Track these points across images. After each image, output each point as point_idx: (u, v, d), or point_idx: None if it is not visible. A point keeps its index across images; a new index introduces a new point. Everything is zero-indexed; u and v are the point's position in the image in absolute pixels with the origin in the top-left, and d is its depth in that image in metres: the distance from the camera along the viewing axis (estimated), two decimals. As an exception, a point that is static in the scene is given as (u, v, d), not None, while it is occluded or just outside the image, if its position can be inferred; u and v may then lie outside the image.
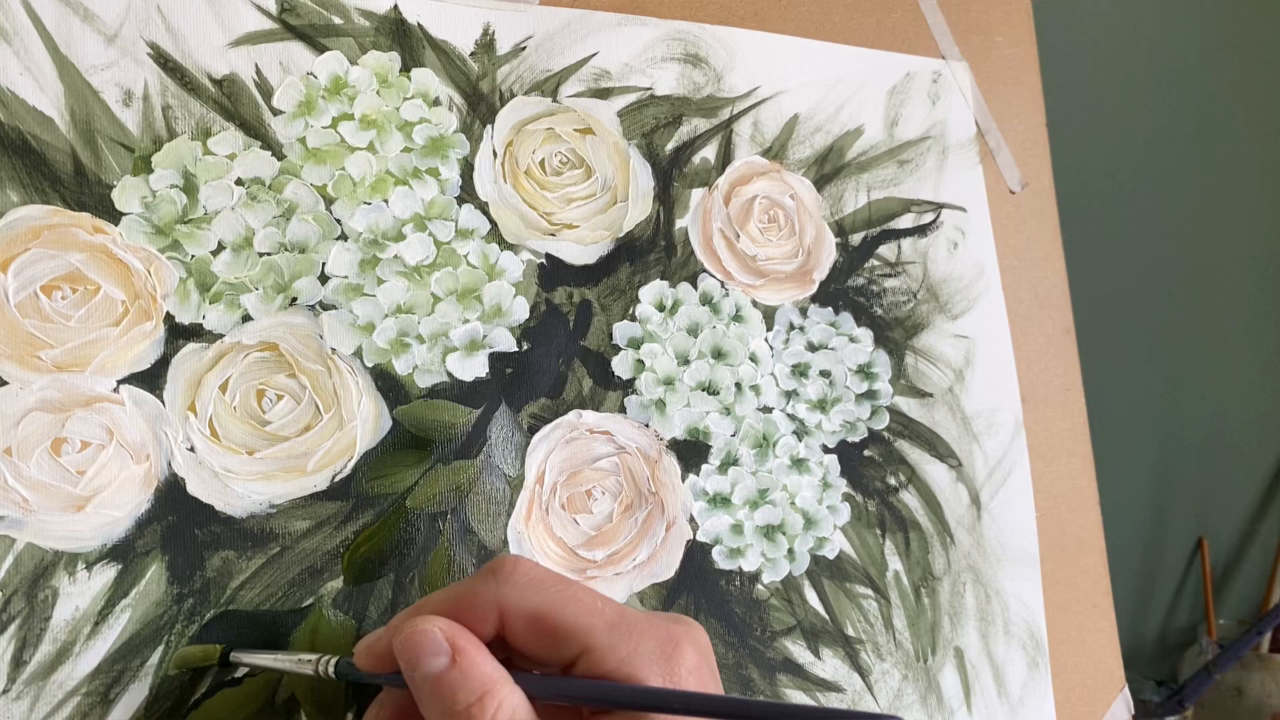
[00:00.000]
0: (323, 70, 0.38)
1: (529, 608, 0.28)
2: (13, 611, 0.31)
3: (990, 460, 0.50)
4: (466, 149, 0.40)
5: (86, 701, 0.31)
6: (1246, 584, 1.60)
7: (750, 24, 0.47)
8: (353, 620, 0.35)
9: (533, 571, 0.29)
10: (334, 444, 0.35)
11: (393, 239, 0.38)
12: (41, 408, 0.32)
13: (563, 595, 0.28)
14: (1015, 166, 0.54)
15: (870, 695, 0.44)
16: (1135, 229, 1.32)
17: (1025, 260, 0.54)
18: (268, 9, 0.37)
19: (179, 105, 0.35)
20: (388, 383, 0.37)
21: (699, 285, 0.44)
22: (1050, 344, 0.54)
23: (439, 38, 0.40)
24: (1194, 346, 1.43)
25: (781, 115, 0.47)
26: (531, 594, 0.28)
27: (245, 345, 0.35)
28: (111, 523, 0.32)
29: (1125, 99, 1.26)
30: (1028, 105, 0.55)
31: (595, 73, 0.43)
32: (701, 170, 0.45)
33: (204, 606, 0.33)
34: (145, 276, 0.34)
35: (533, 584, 0.28)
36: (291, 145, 0.37)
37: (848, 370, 0.47)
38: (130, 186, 0.34)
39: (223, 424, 0.34)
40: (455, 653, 0.27)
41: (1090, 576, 0.53)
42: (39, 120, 0.33)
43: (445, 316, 0.38)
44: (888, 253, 0.49)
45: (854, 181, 0.49)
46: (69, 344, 0.32)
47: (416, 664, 0.27)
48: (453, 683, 0.27)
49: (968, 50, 0.53)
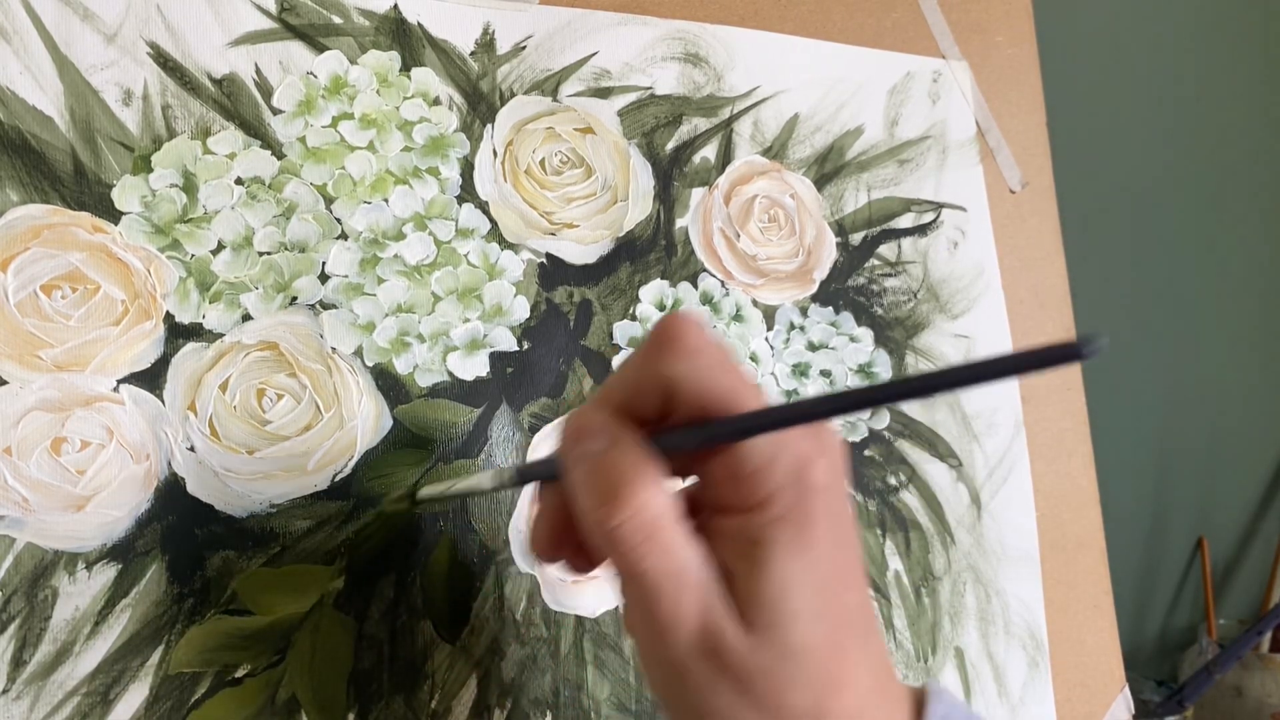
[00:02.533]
0: (322, 70, 0.38)
1: (693, 387, 0.26)
2: (13, 611, 0.31)
3: (990, 460, 0.50)
4: (467, 148, 0.40)
5: (86, 701, 0.31)
6: (1246, 584, 1.60)
7: (750, 23, 0.47)
8: (353, 619, 0.35)
9: (700, 343, 0.27)
10: (334, 443, 0.35)
11: (393, 238, 0.38)
12: (41, 407, 0.32)
13: (729, 383, 0.26)
14: (1015, 166, 0.54)
15: (871, 695, 0.44)
16: (1135, 229, 1.32)
17: (1025, 260, 0.54)
18: (267, 8, 0.37)
19: (179, 105, 0.35)
20: (388, 382, 0.37)
21: (699, 285, 0.44)
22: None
23: (439, 37, 0.40)
24: (1194, 346, 1.43)
25: (782, 115, 0.47)
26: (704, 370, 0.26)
27: (245, 344, 0.35)
28: (111, 522, 0.32)
29: (1125, 99, 1.25)
30: (1028, 105, 0.55)
31: (595, 72, 0.43)
32: (702, 170, 0.45)
33: (204, 606, 0.33)
34: (145, 276, 0.34)
35: (704, 364, 0.26)
36: (291, 144, 0.37)
37: (848, 370, 0.47)
38: (130, 186, 0.34)
39: (223, 423, 0.34)
40: (613, 439, 0.26)
41: (1090, 576, 0.53)
42: (39, 120, 0.33)
43: (446, 316, 0.38)
44: (888, 252, 0.49)
45: (854, 181, 0.49)
46: (69, 343, 0.32)
47: (575, 448, 0.27)
48: (609, 466, 0.26)
49: (968, 50, 0.53)
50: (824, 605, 0.26)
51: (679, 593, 0.26)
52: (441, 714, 0.35)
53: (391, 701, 0.35)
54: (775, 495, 0.26)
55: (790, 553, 0.26)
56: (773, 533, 0.26)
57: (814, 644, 0.26)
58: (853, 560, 0.28)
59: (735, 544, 0.27)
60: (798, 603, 0.26)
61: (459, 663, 0.36)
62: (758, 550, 0.26)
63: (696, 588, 0.26)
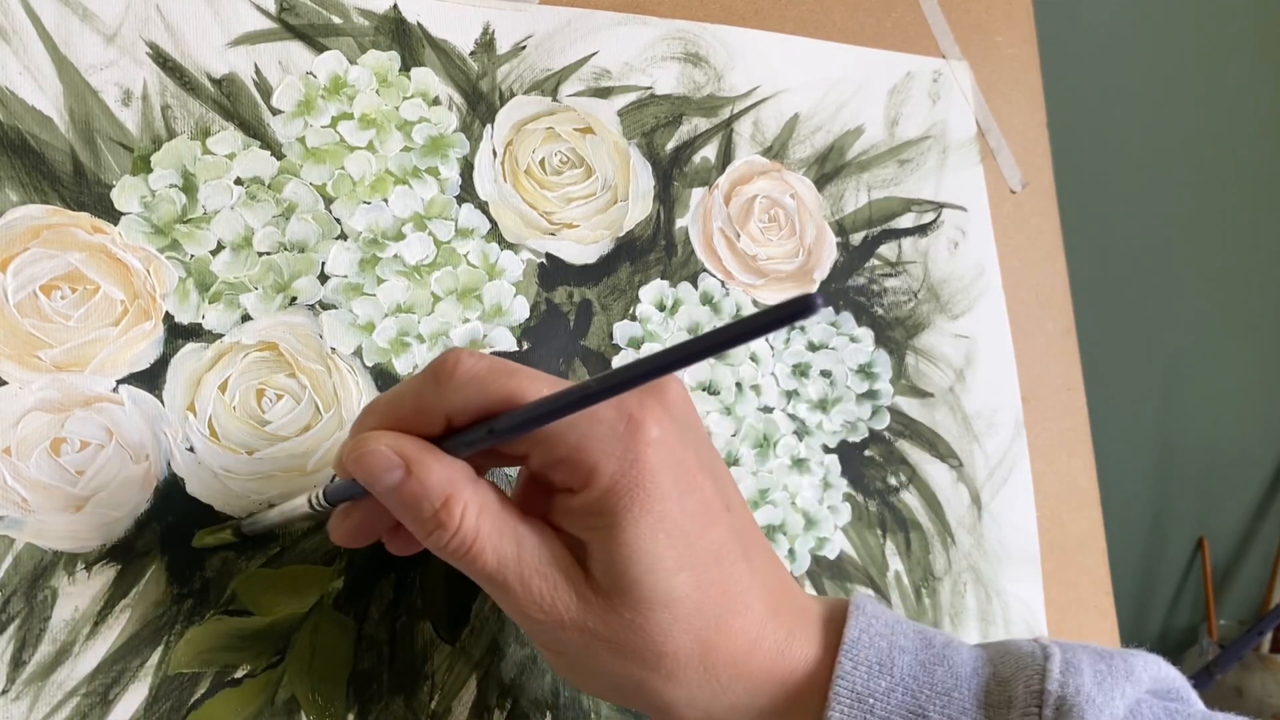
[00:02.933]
0: (322, 70, 0.38)
1: (475, 409, 0.27)
2: (12, 612, 0.31)
3: (991, 460, 0.50)
4: (466, 148, 0.40)
5: (86, 702, 0.31)
6: (1247, 584, 1.60)
7: (750, 23, 0.47)
8: (353, 620, 0.35)
9: (475, 368, 0.27)
10: (334, 444, 0.35)
11: (392, 238, 0.38)
12: (41, 407, 0.32)
13: (508, 389, 0.26)
14: (1015, 166, 0.54)
15: (871, 695, 0.44)
16: (1135, 229, 1.32)
17: (1026, 260, 0.54)
18: (267, 8, 0.37)
19: (178, 105, 0.35)
20: (388, 382, 0.37)
21: (699, 285, 0.44)
22: (1050, 344, 0.54)
23: (439, 37, 0.40)
24: (1194, 346, 1.43)
25: (782, 114, 0.47)
26: (475, 394, 0.26)
27: (245, 345, 0.35)
28: (111, 523, 0.32)
29: (1125, 99, 1.25)
30: (1028, 105, 0.55)
31: (595, 72, 0.43)
32: (702, 169, 0.45)
33: (204, 606, 0.33)
34: (145, 276, 0.34)
35: (475, 382, 0.26)
36: (291, 145, 0.37)
37: (848, 370, 0.47)
38: (129, 186, 0.34)
39: (222, 424, 0.34)
40: (408, 464, 0.26)
41: (1090, 576, 0.53)
42: (38, 120, 0.33)
43: (445, 316, 0.38)
44: (888, 252, 0.49)
45: (854, 181, 0.49)
46: (68, 344, 0.32)
47: (374, 482, 0.27)
48: (415, 494, 0.26)
49: (968, 50, 0.53)
50: (683, 553, 0.27)
51: (525, 580, 0.27)
52: (441, 715, 0.35)
53: (391, 702, 0.35)
54: (599, 467, 0.26)
55: (633, 516, 0.26)
56: (610, 501, 0.26)
57: (680, 592, 0.27)
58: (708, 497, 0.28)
59: (581, 520, 0.27)
60: (652, 558, 0.26)
61: (459, 663, 0.36)
62: (602, 520, 0.26)
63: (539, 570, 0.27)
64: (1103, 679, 0.28)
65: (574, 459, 0.26)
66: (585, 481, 0.26)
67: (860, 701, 0.28)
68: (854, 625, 0.29)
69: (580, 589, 0.27)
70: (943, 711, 0.28)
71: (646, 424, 0.26)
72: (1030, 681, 0.28)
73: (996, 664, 0.29)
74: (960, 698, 0.28)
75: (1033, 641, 0.30)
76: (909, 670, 0.28)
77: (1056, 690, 0.28)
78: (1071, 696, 0.27)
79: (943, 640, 0.30)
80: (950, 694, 0.28)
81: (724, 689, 0.28)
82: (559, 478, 0.27)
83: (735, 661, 0.28)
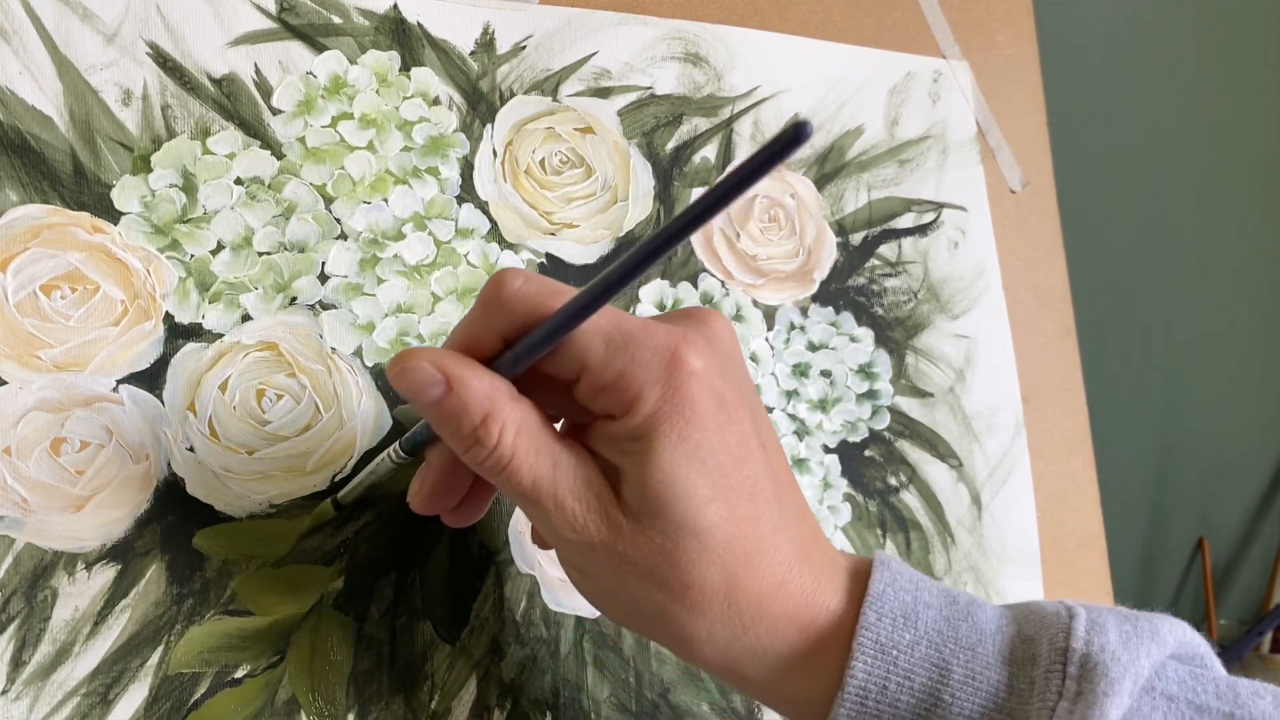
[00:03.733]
0: (322, 69, 0.38)
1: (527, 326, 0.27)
2: (12, 612, 0.30)
3: (991, 460, 0.50)
4: (466, 148, 0.40)
5: (86, 702, 0.31)
6: (1247, 584, 1.60)
7: (750, 23, 0.47)
8: (353, 620, 0.35)
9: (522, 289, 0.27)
10: (334, 443, 0.35)
11: (392, 238, 0.38)
12: (41, 407, 0.32)
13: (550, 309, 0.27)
14: (1016, 166, 0.54)
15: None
16: (1135, 229, 1.32)
17: (1026, 260, 0.54)
18: (267, 8, 0.37)
19: (178, 105, 0.35)
20: (388, 382, 0.37)
21: (699, 285, 0.44)
22: (1050, 344, 0.54)
23: (439, 37, 0.40)
24: (1194, 346, 1.43)
25: (782, 114, 0.47)
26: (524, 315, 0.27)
27: (245, 345, 0.35)
28: (111, 523, 0.32)
29: (1125, 99, 1.25)
30: (1028, 105, 0.55)
31: (595, 72, 0.43)
32: (702, 169, 0.45)
33: (203, 607, 0.33)
34: (145, 276, 0.34)
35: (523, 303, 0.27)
36: (291, 145, 0.37)
37: (848, 370, 0.47)
38: (129, 186, 0.34)
39: (222, 424, 0.34)
40: (449, 379, 0.27)
41: (1090, 576, 0.53)
42: (38, 119, 0.33)
43: (445, 316, 0.38)
44: (888, 252, 0.49)
45: (854, 181, 0.49)
46: (68, 343, 0.32)
47: (416, 397, 0.27)
48: (454, 409, 0.27)
49: (968, 50, 0.53)
50: (717, 484, 0.27)
51: (560, 500, 0.27)
52: (441, 714, 0.35)
53: (391, 702, 0.35)
54: (643, 393, 0.26)
55: (670, 442, 0.26)
56: (649, 427, 0.26)
57: (711, 523, 0.27)
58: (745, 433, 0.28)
59: (619, 445, 0.27)
60: (685, 486, 0.27)
61: (459, 663, 0.36)
62: (639, 445, 0.27)
63: (574, 489, 0.27)
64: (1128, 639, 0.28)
65: (618, 385, 0.27)
66: (627, 408, 0.27)
67: (884, 653, 0.28)
68: (879, 579, 0.29)
69: (612, 512, 0.27)
70: (966, 666, 0.28)
71: (689, 356, 0.27)
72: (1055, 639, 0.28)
73: (1021, 623, 0.29)
74: (984, 653, 0.28)
75: (1058, 603, 0.30)
76: (933, 624, 0.28)
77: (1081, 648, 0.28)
78: (1096, 654, 0.27)
79: (967, 599, 0.30)
80: (974, 649, 0.28)
81: (745, 628, 0.28)
82: (601, 404, 0.28)
83: (759, 601, 0.28)
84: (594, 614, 0.39)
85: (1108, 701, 0.26)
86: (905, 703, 0.28)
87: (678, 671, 0.40)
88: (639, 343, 0.27)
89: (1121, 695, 0.27)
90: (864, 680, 0.28)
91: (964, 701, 0.27)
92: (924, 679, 0.28)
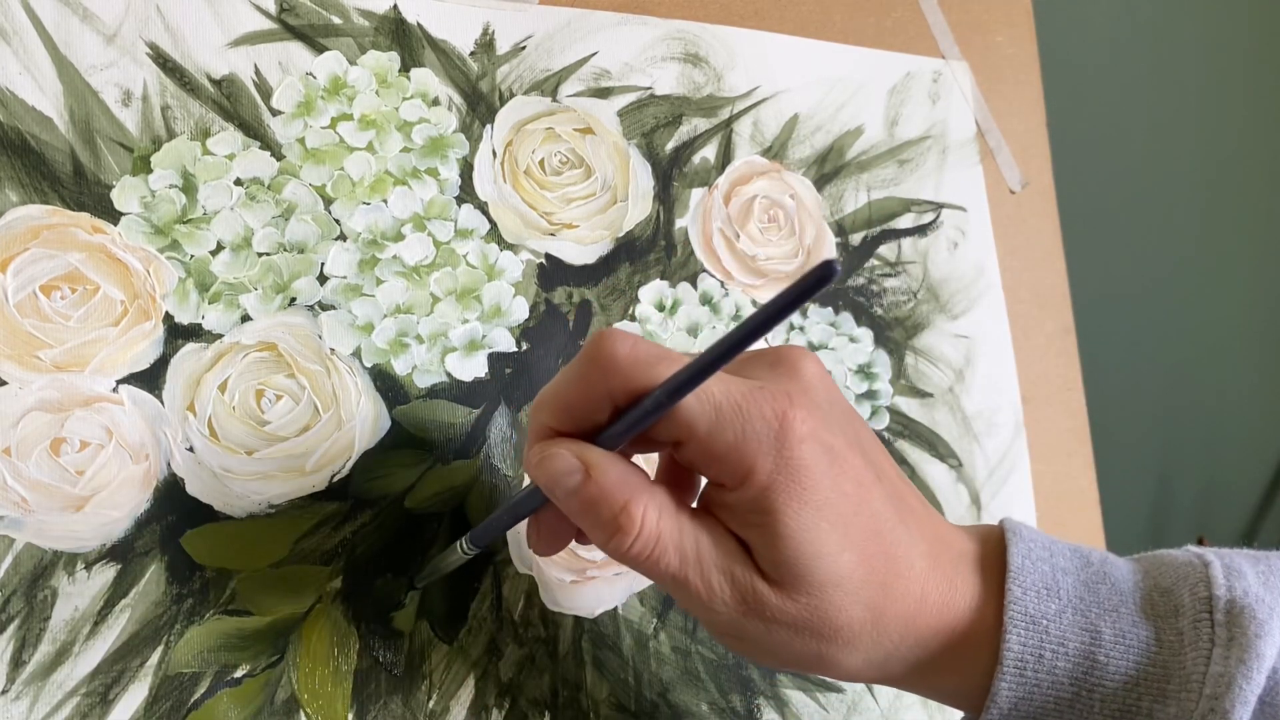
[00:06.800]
0: (322, 70, 0.38)
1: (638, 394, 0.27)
2: (12, 611, 0.31)
3: (990, 460, 0.50)
4: (466, 149, 0.40)
5: (86, 702, 0.31)
6: (1247, 584, 1.59)
7: (750, 23, 0.47)
8: (351, 620, 0.35)
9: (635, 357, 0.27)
10: (333, 444, 0.35)
11: (392, 239, 0.38)
12: (41, 407, 0.32)
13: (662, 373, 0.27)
14: (1015, 166, 0.54)
15: (870, 696, 0.44)
16: (1135, 229, 1.32)
17: (1025, 260, 0.54)
18: (267, 9, 0.37)
19: (178, 105, 0.35)
20: (387, 383, 0.37)
21: (699, 285, 0.44)
22: (1050, 344, 0.54)
23: (438, 37, 0.40)
24: (1194, 347, 1.43)
25: (782, 115, 0.47)
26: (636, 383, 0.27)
27: (244, 345, 0.35)
28: (110, 523, 0.32)
29: (1125, 99, 1.25)
30: (1028, 105, 0.55)
31: (595, 72, 0.43)
32: (701, 170, 0.45)
33: (203, 606, 0.33)
34: (144, 276, 0.34)
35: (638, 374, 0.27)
36: (290, 145, 0.37)
37: (848, 370, 0.47)
38: (129, 186, 0.34)
39: (222, 424, 0.34)
40: (588, 467, 0.27)
41: (1090, 577, 0.53)
42: (38, 120, 0.33)
43: (444, 316, 0.38)
44: (888, 252, 0.49)
45: (854, 181, 0.49)
46: (68, 344, 0.32)
47: (555, 487, 0.27)
48: (593, 498, 0.27)
49: (968, 50, 0.53)
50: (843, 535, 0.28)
51: (706, 579, 0.28)
52: (439, 714, 0.35)
53: (390, 701, 0.35)
54: (756, 467, 0.27)
55: (792, 510, 0.27)
56: (768, 499, 0.27)
57: (847, 570, 0.28)
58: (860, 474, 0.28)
59: (742, 516, 0.28)
60: (816, 547, 0.27)
61: (457, 663, 0.36)
62: (761, 517, 0.27)
63: (718, 566, 0.28)
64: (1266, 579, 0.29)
65: (731, 458, 0.27)
66: (742, 480, 0.27)
67: (1034, 624, 0.29)
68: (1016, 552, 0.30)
69: (755, 583, 0.28)
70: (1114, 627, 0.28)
71: (798, 422, 0.27)
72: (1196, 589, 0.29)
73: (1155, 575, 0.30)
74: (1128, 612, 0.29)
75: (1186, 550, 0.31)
76: (1074, 590, 0.29)
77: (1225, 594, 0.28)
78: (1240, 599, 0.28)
79: (1099, 557, 0.31)
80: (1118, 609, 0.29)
81: (895, 646, 0.29)
82: (711, 472, 0.28)
83: (904, 621, 0.29)
84: (592, 614, 0.39)
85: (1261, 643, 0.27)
86: (1062, 669, 0.28)
87: (677, 671, 0.40)
88: (747, 414, 0.27)
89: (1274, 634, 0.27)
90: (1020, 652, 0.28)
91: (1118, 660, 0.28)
92: (1076, 644, 0.28)
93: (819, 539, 0.27)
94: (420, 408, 0.37)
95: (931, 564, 0.29)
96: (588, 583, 0.39)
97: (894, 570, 0.28)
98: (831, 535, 0.27)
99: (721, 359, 0.25)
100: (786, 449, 0.27)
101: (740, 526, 0.28)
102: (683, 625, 0.41)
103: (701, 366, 0.25)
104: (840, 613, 0.28)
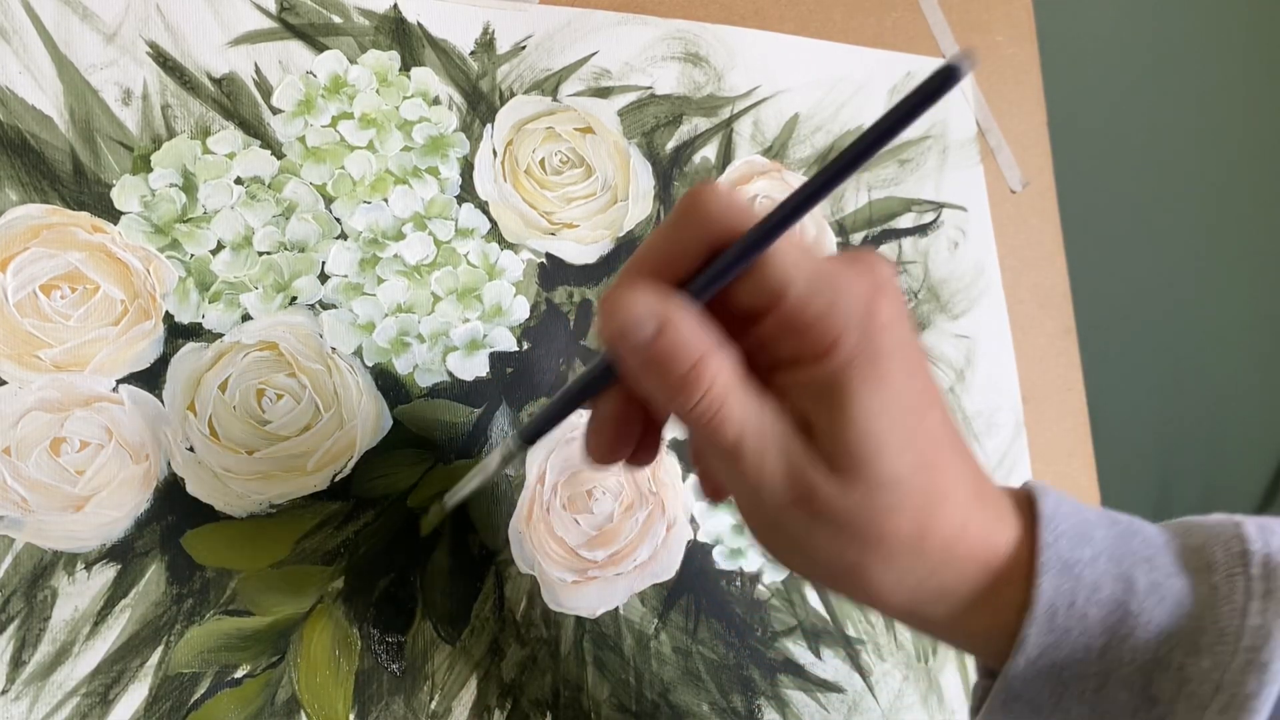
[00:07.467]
0: (322, 69, 0.38)
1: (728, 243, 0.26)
2: (12, 612, 0.30)
3: (991, 460, 0.50)
4: (466, 148, 0.40)
5: (86, 702, 0.31)
6: (1246, 584, 1.59)
7: (751, 23, 0.47)
8: (353, 620, 0.35)
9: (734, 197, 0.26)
10: (334, 443, 0.35)
11: (392, 238, 0.38)
12: (40, 407, 0.32)
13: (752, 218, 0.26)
14: (1016, 166, 0.54)
15: (871, 695, 0.44)
16: (1135, 229, 1.32)
17: (1026, 260, 0.54)
18: (267, 8, 0.37)
19: (178, 104, 0.35)
20: (388, 382, 0.37)
21: (699, 285, 0.44)
22: (1050, 344, 0.54)
23: (439, 37, 0.40)
24: (1194, 346, 1.43)
25: (782, 114, 0.47)
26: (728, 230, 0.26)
27: (245, 344, 0.35)
28: (110, 523, 0.32)
29: (1125, 99, 1.25)
30: (1028, 105, 0.55)
31: (595, 72, 0.43)
32: (702, 169, 0.45)
33: (203, 607, 0.33)
34: (144, 275, 0.34)
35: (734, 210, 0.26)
36: (291, 144, 0.37)
37: (848, 370, 0.46)
38: (129, 185, 0.34)
39: (222, 423, 0.34)
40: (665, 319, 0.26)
41: (1091, 576, 0.53)
42: (38, 119, 0.33)
43: (445, 316, 0.38)
44: (888, 252, 0.49)
45: (854, 181, 0.49)
46: (68, 343, 0.32)
47: (625, 336, 0.26)
48: (664, 352, 0.26)
49: (968, 50, 0.53)
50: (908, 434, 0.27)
51: (762, 452, 0.27)
52: (441, 714, 0.35)
53: (391, 702, 0.35)
54: (842, 338, 0.26)
55: (866, 391, 0.26)
56: (846, 375, 0.26)
57: (904, 473, 0.27)
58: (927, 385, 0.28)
59: (810, 393, 0.27)
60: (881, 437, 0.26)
61: (459, 663, 0.36)
62: (833, 395, 0.26)
63: (776, 444, 0.27)
64: None
65: (817, 328, 0.26)
66: (824, 352, 0.26)
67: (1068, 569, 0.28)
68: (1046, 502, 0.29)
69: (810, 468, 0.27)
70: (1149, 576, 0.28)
71: (885, 305, 0.26)
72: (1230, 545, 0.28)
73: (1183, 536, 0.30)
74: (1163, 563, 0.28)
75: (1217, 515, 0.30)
76: (1106, 540, 0.29)
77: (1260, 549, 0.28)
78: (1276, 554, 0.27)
79: (1126, 518, 0.30)
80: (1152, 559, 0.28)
81: (932, 572, 0.28)
82: (790, 345, 0.27)
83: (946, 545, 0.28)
84: (594, 614, 0.39)
85: None
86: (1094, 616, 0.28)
87: (678, 671, 0.40)
88: (838, 288, 0.26)
89: None
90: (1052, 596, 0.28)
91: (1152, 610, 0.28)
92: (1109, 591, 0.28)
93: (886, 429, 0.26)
94: (422, 407, 0.37)
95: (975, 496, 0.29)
96: (589, 583, 0.39)
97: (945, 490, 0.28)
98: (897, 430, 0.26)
99: (834, 180, 0.24)
100: (872, 329, 0.26)
101: (811, 403, 0.27)
102: (684, 625, 0.41)
103: (809, 194, 0.24)
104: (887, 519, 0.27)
